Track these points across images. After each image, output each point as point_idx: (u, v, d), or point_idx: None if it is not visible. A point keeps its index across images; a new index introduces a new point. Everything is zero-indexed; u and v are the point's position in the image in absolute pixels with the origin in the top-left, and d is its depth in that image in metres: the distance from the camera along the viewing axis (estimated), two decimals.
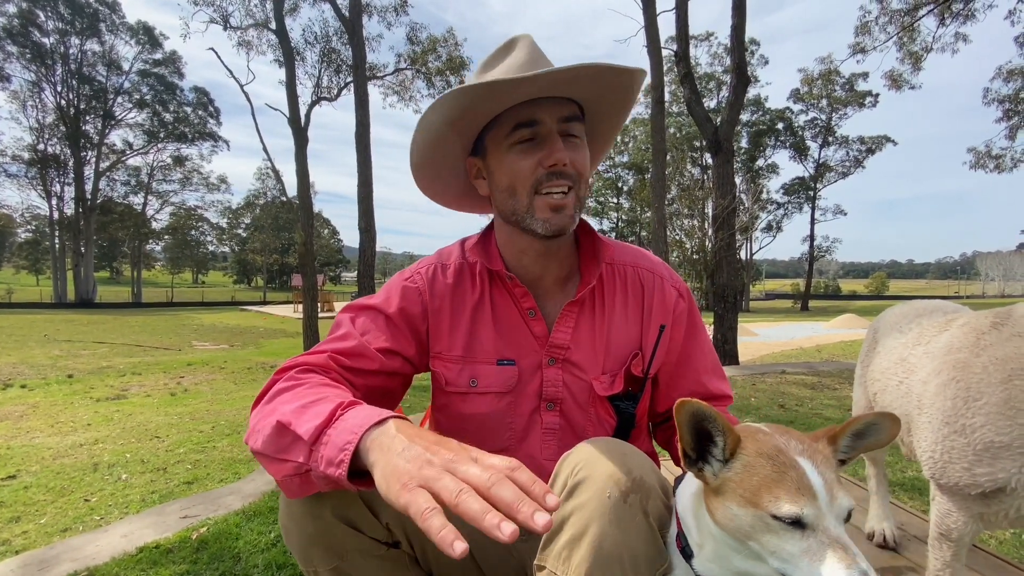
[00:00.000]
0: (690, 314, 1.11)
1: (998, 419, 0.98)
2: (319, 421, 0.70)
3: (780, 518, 0.59)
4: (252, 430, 0.79)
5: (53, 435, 4.78)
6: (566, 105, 0.96)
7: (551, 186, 0.94)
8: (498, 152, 0.98)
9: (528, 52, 0.98)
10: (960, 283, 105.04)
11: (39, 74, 31.72)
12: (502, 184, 0.99)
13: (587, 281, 1.04)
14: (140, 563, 2.19)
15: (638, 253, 1.14)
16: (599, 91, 0.97)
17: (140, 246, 44.12)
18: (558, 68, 0.86)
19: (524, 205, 0.97)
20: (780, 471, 0.61)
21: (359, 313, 1.04)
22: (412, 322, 1.04)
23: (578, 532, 0.74)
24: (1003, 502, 1.00)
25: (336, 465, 0.65)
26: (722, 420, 0.67)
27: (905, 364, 1.29)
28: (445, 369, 1.05)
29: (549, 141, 0.94)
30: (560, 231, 0.96)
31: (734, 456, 0.67)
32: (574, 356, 1.03)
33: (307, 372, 0.90)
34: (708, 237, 9.43)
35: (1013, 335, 1.00)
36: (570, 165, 0.95)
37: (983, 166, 21.83)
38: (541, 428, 1.03)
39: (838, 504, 0.59)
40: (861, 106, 35.93)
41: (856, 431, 0.68)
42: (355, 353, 0.96)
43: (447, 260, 1.11)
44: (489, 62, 1.02)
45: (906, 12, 14.73)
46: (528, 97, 0.93)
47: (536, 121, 0.94)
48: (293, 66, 12.09)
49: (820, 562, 0.56)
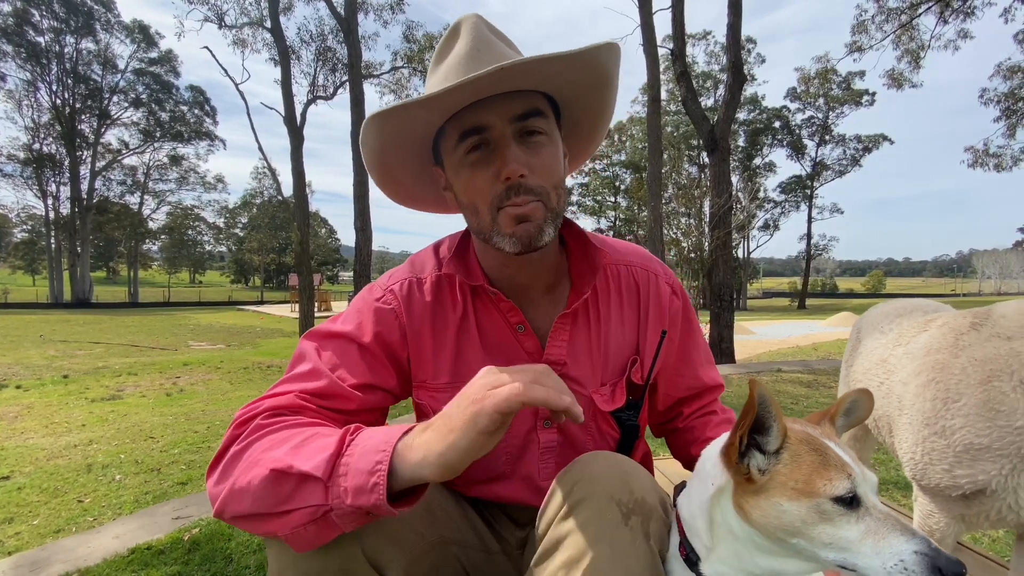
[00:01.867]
0: (685, 311, 1.05)
1: (977, 421, 0.98)
2: (328, 453, 0.62)
3: (839, 499, 0.57)
4: (227, 496, 0.66)
5: (47, 436, 4.77)
6: (521, 99, 0.82)
7: (513, 203, 0.82)
8: (452, 165, 0.87)
9: (471, 41, 0.84)
10: (957, 281, 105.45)
11: (34, 73, 31.54)
12: (463, 201, 0.89)
13: (580, 291, 0.95)
14: (132, 564, 2.19)
15: (628, 249, 1.06)
16: (562, 77, 0.83)
17: (136, 246, 43.95)
18: (475, 75, 0.73)
19: (488, 223, 0.85)
20: (824, 455, 0.61)
21: (324, 343, 0.89)
22: (391, 350, 0.92)
23: (576, 554, 0.69)
24: (984, 504, 1.01)
25: (370, 491, 0.60)
26: (778, 408, 0.63)
27: (886, 365, 1.29)
28: (432, 400, 0.94)
29: (500, 149, 0.82)
30: (529, 246, 0.83)
31: (782, 448, 0.64)
32: (571, 371, 0.94)
33: (276, 416, 0.76)
34: (705, 236, 9.42)
35: (992, 336, 1.00)
36: (530, 175, 0.81)
37: (982, 164, 21.84)
38: (539, 447, 0.96)
39: (870, 478, 0.60)
40: (858, 105, 36.00)
41: (846, 410, 0.72)
42: (329, 394, 0.83)
43: (422, 273, 0.97)
44: (439, 54, 0.89)
45: (903, 11, 14.75)
46: (469, 101, 0.80)
47: (483, 127, 0.81)
48: (288, 64, 12.07)
49: (883, 540, 0.55)
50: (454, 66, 0.83)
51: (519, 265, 0.93)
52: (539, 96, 0.86)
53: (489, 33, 0.87)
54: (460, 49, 0.84)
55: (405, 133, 0.86)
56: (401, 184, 0.98)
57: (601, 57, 0.82)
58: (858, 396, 0.73)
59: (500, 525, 1.02)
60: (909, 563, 0.53)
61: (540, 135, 0.85)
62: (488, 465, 0.96)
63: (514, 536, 1.01)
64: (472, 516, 0.98)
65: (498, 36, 0.89)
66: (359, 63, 11.22)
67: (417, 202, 1.03)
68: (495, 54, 0.83)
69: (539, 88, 0.85)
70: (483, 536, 0.97)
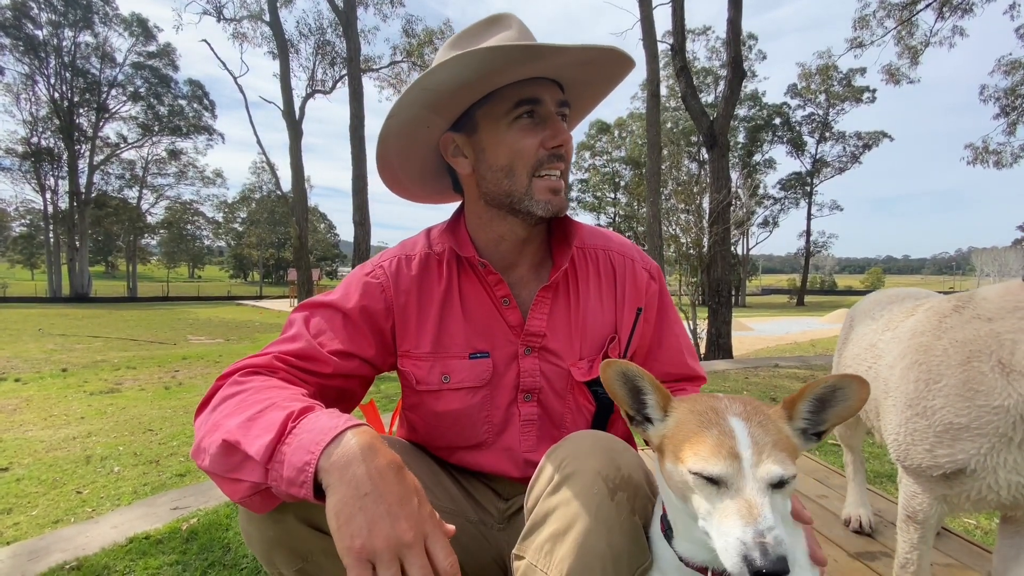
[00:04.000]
0: (661, 294, 1.11)
1: (957, 401, 0.99)
2: (270, 437, 0.66)
3: (697, 474, 0.59)
4: (198, 447, 0.74)
5: (46, 428, 4.79)
6: (558, 89, 0.96)
7: (551, 168, 0.94)
8: (495, 129, 0.94)
9: (519, 30, 0.95)
10: (956, 279, 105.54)
11: (32, 67, 31.44)
12: (498, 162, 0.94)
13: (559, 264, 1.01)
14: (130, 553, 2.21)
15: (608, 236, 1.13)
16: (590, 78, 0.97)
17: (135, 240, 43.93)
18: (598, 45, 0.87)
19: (523, 186, 0.94)
20: (705, 428, 0.61)
21: (313, 312, 0.96)
22: (374, 320, 0.98)
23: (563, 527, 0.72)
24: (964, 483, 1.02)
25: (299, 485, 0.64)
26: (650, 377, 0.69)
27: (874, 350, 1.31)
28: (415, 367, 0.99)
29: (551, 122, 0.94)
30: (559, 212, 0.97)
31: (667, 414, 0.69)
32: (551, 343, 0.99)
33: (251, 375, 0.83)
34: (704, 232, 9.43)
35: (973, 317, 1.02)
36: (566, 148, 0.95)
37: (982, 161, 21.84)
38: (519, 420, 1.00)
39: (763, 468, 0.57)
40: (858, 101, 35.96)
41: (818, 396, 0.65)
42: (305, 355, 0.90)
43: (411, 251, 1.04)
44: (466, 37, 0.96)
45: (904, 6, 14.72)
46: (536, 74, 0.92)
47: (539, 100, 0.93)
48: (287, 58, 12.04)
49: (725, 519, 0.56)
50: (513, 38, 0.91)
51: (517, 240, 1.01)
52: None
53: (528, 29, 0.98)
54: (510, 36, 0.93)
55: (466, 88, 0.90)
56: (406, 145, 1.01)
57: (625, 70, 0.97)
58: (843, 382, 0.64)
59: (481, 496, 1.05)
60: (731, 547, 0.54)
61: (566, 120, 0.98)
62: (470, 433, 1.01)
63: (496, 508, 1.05)
64: (447, 483, 1.03)
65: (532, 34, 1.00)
66: (358, 57, 11.18)
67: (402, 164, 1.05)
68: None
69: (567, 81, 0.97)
70: (459, 503, 1.01)
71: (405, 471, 0.66)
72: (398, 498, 0.62)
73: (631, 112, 40.41)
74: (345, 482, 0.62)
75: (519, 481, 1.03)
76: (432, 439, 1.07)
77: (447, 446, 1.05)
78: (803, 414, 0.65)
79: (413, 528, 0.61)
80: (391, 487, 0.63)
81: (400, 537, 0.60)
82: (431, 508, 0.66)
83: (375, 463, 0.63)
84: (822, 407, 0.66)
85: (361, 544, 0.59)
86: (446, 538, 0.64)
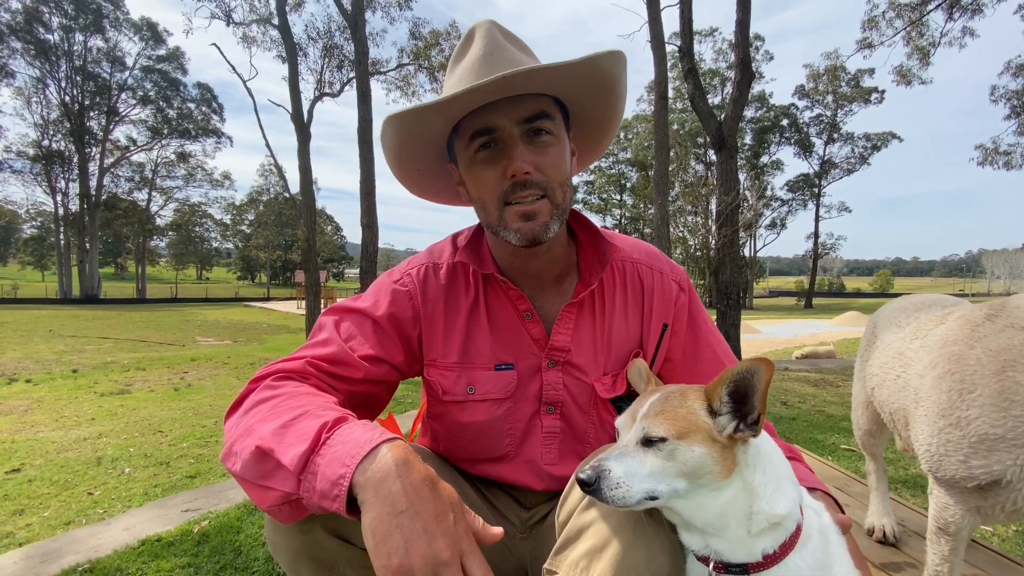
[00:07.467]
0: (691, 305, 1.07)
1: (992, 411, 0.97)
2: (304, 447, 0.66)
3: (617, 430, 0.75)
4: (229, 450, 0.73)
5: (57, 429, 4.82)
6: (529, 102, 0.88)
7: (519, 197, 0.89)
8: (465, 162, 0.94)
9: (483, 47, 0.90)
10: (966, 281, 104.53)
11: (43, 70, 31.80)
12: (474, 195, 0.95)
13: (587, 282, 0.99)
14: (142, 555, 2.21)
15: (636, 246, 1.09)
16: (568, 84, 0.89)
17: (144, 242, 44.26)
18: (478, 83, 0.80)
19: (495, 217, 0.92)
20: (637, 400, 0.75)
21: (344, 316, 0.97)
22: (402, 328, 0.98)
23: (599, 543, 0.70)
24: (999, 495, 1.00)
25: (332, 499, 0.63)
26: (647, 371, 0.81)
27: (902, 358, 1.28)
28: (441, 377, 0.99)
29: (509, 147, 0.88)
30: (533, 240, 0.90)
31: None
32: (575, 358, 0.99)
33: (284, 380, 0.84)
34: (711, 234, 9.38)
35: (1007, 326, 0.99)
36: (535, 172, 0.88)
37: (992, 163, 21.64)
38: (541, 432, 1.00)
39: (637, 426, 0.68)
40: (867, 103, 35.69)
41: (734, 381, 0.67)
42: (337, 360, 0.90)
43: (439, 259, 1.04)
44: (455, 58, 0.95)
45: (914, 7, 14.61)
46: (476, 106, 0.86)
47: (492, 128, 0.88)
48: (296, 61, 12.10)
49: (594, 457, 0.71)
50: (466, 71, 0.89)
51: (527, 256, 0.98)
52: (547, 99, 0.91)
53: (502, 38, 0.92)
54: (473, 55, 0.90)
55: (420, 133, 0.92)
56: (419, 179, 1.05)
57: (602, 65, 0.87)
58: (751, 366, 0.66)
59: (502, 505, 1.05)
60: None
61: (547, 135, 0.90)
62: (493, 445, 1.01)
63: (518, 517, 1.05)
64: (469, 492, 1.03)
65: (511, 40, 0.95)
66: (366, 60, 11.21)
67: (435, 195, 1.10)
68: (506, 60, 0.89)
69: (545, 92, 0.90)
70: (481, 513, 0.99)
71: (440, 485, 0.65)
72: (434, 515, 0.61)
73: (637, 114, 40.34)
74: (381, 498, 0.61)
75: (541, 492, 1.02)
76: (454, 451, 1.06)
77: (469, 458, 1.05)
78: (723, 398, 0.67)
79: (450, 546, 0.60)
80: (427, 504, 0.62)
81: (437, 555, 0.59)
82: (467, 522, 0.65)
83: (410, 479, 0.62)
84: (740, 389, 0.67)
85: (399, 563, 0.58)
86: (481, 554, 0.63)
